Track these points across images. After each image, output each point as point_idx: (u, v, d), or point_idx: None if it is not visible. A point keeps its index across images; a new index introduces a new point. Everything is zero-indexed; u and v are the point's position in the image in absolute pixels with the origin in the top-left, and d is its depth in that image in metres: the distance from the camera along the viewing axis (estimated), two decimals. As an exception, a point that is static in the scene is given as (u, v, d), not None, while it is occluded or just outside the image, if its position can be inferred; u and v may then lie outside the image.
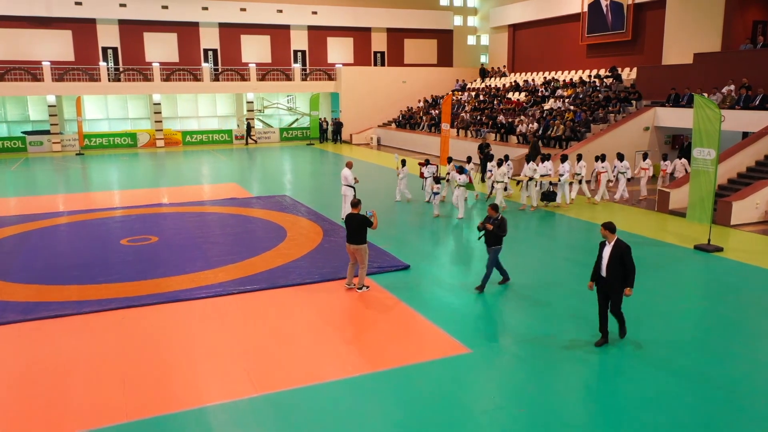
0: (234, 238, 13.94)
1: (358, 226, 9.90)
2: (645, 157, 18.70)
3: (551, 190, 17.29)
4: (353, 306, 9.70)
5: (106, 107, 37.19)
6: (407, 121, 35.80)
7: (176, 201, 18.60)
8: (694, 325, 9.02)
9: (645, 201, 17.96)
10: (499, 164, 16.96)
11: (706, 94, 21.25)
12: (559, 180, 17.08)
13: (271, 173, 25.73)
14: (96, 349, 8.07)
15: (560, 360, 7.71)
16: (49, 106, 33.51)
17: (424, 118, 34.41)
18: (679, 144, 23.26)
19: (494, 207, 9.91)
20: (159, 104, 35.44)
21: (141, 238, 13.83)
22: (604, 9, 30.12)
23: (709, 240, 12.75)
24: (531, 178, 16.95)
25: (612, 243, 7.77)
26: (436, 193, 16.14)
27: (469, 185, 15.69)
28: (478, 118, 30.09)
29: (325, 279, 10.85)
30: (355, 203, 10.17)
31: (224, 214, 16.61)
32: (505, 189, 17.46)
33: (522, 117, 27.10)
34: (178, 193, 20.32)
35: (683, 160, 18.20)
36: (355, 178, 15.28)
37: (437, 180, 16.31)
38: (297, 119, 41.56)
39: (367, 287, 10.32)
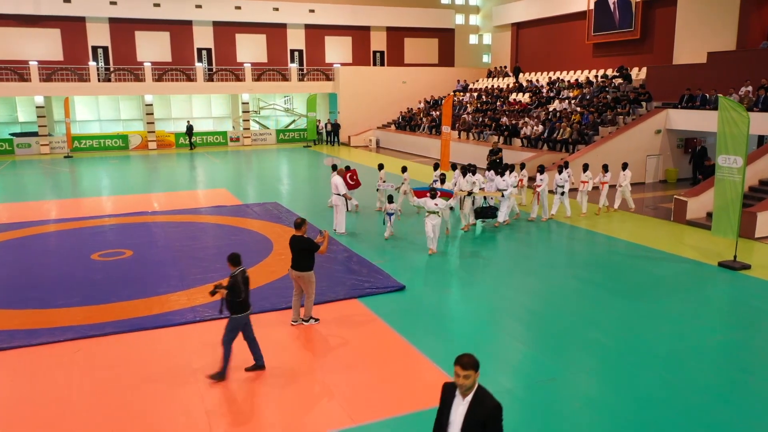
0: (216, 251, 12.81)
1: (302, 251, 8.49)
2: (585, 168, 16.39)
3: (488, 205, 14.77)
4: (339, 338, 8.57)
5: (98, 108, 36.16)
6: (407, 122, 34.66)
7: (159, 209, 17.48)
8: (733, 363, 7.86)
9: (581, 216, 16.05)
10: (442, 180, 14.40)
11: (721, 95, 20.10)
12: (503, 195, 14.61)
13: (264, 178, 24.63)
14: (36, 394, 6.93)
15: (577, 411, 6.57)
16: (37, 107, 32.40)
17: (424, 119, 33.27)
18: (691, 147, 22.09)
19: (233, 259, 7.31)
20: (151, 105, 34.32)
21: (114, 252, 12.71)
22: (612, 6, 28.97)
23: (735, 256, 11.59)
24: (470, 193, 14.48)
25: (471, 396, 3.91)
26: (390, 214, 13.58)
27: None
28: (481, 119, 28.95)
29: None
30: (299, 223, 8.63)
31: (208, 224, 15.51)
32: (451, 208, 14.37)
33: (526, 119, 25.96)
34: (163, 199, 19.21)
35: (626, 171, 16.36)
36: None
37: (390, 199, 13.71)
38: (294, 120, 40.46)
39: (316, 320, 8.93)
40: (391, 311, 9.40)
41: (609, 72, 28.04)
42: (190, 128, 34.23)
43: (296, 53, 38.48)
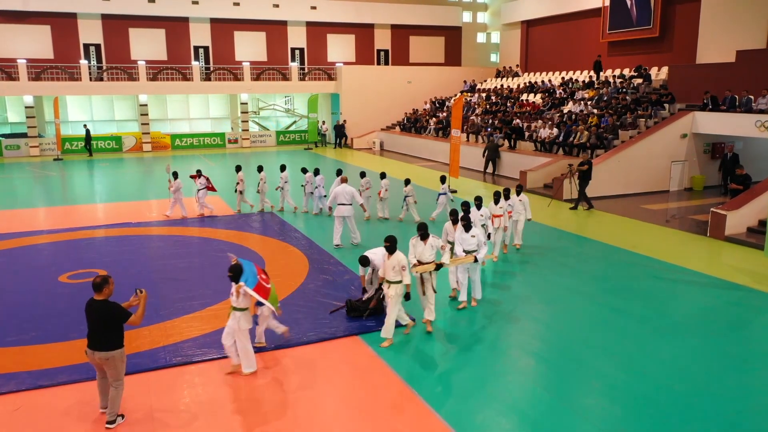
0: (199, 272, 11.38)
1: (106, 323, 5.90)
2: (497, 199, 11.93)
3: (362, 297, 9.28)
4: (335, 390, 7.12)
5: (91, 108, 34.80)
6: (412, 124, 33.20)
7: (143, 219, 16.05)
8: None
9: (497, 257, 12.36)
10: (478, 206, 11.03)
11: (752, 98, 18.67)
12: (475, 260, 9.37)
13: (261, 183, 23.11)
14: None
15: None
16: (26, 107, 31.02)
17: (430, 121, 31.82)
18: (719, 153, 20.58)
19: None
20: (146, 105, 32.91)
21: (86, 273, 11.27)
22: (629, 3, 27.48)
23: (793, 283, 10.13)
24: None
25: None
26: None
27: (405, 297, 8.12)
28: (490, 121, 27.47)
29: (303, 342, 8.25)
30: (98, 284, 5.94)
31: (195, 238, 14.06)
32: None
33: (540, 121, 24.46)
34: (150, 208, 17.79)
35: (521, 196, 12.54)
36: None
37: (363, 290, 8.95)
38: (295, 122, 39.05)
39: (122, 418, 6.19)
40: (398, 352, 7.95)
41: (626, 72, 26.56)
42: (87, 133, 31.10)
43: (297, 52, 37.03)
